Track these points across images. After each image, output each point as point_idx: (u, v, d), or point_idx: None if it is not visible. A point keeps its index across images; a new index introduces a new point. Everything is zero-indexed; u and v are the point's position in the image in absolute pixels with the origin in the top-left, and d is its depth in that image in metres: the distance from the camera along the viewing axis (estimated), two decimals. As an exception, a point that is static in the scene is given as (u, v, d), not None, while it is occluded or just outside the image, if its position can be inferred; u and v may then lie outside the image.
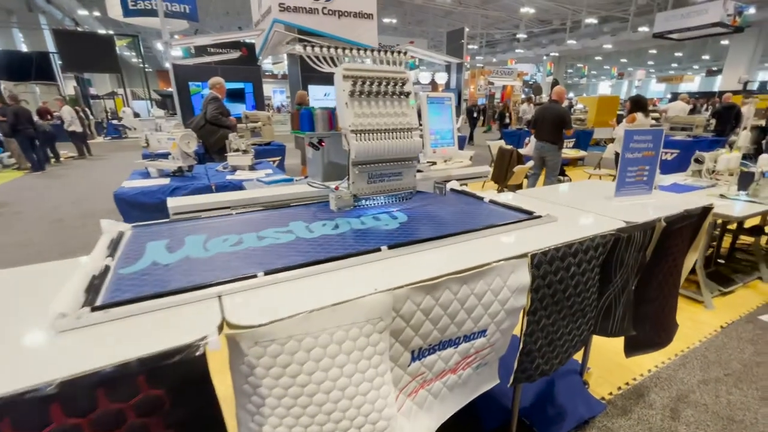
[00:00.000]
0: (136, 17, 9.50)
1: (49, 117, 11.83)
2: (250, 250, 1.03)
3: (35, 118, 10.23)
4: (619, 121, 5.51)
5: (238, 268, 0.91)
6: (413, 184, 1.39)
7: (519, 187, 3.96)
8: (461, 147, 6.73)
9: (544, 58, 23.90)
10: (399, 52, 1.43)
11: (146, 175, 3.29)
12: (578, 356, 1.74)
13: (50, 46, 16.65)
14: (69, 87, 17.52)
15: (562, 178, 5.25)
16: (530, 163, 4.01)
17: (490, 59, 27.11)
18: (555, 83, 5.01)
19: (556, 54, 24.50)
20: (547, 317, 1.11)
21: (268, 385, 0.72)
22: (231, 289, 0.81)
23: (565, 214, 1.38)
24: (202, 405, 0.66)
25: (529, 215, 1.28)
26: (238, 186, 2.79)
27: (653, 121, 6.02)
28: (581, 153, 6.20)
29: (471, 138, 11.56)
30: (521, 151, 4.66)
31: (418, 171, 1.80)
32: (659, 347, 1.58)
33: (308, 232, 1.17)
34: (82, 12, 19.38)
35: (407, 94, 1.34)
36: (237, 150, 3.43)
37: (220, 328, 0.70)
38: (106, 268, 0.90)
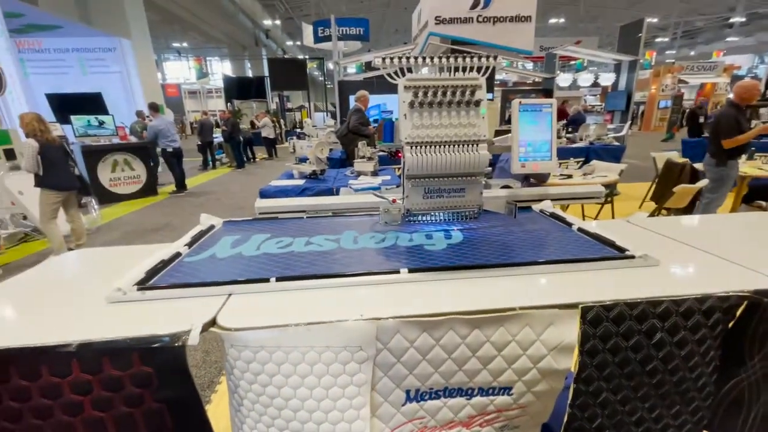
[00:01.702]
0: (323, 43, 11.30)
1: (255, 126, 15.08)
2: (291, 254, 1.10)
3: (248, 127, 13.30)
4: None
5: (265, 270, 0.98)
6: (478, 201, 1.25)
7: (686, 211, 3.08)
8: (617, 159, 5.66)
9: (774, 45, 18.03)
10: (488, 57, 1.30)
11: (292, 175, 3.85)
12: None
13: (266, 71, 21.15)
14: (274, 103, 21.97)
15: (763, 203, 3.81)
16: (701, 183, 3.06)
17: (687, 53, 21.99)
18: None
19: (795, 39, 18.19)
20: (612, 391, 0.84)
21: (243, 387, 0.76)
22: (242, 289, 0.88)
23: (683, 257, 1.02)
24: (182, 389, 0.74)
25: (619, 253, 0.99)
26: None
27: None
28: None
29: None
30: (699, 166, 3.61)
31: (506, 187, 1.60)
32: None
33: (353, 243, 1.17)
34: (289, 42, 24.09)
35: (478, 103, 1.21)
36: (363, 157, 3.70)
37: (211, 324, 0.77)
38: (177, 255, 1.09)
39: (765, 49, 18.38)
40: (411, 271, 0.92)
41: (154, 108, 7.10)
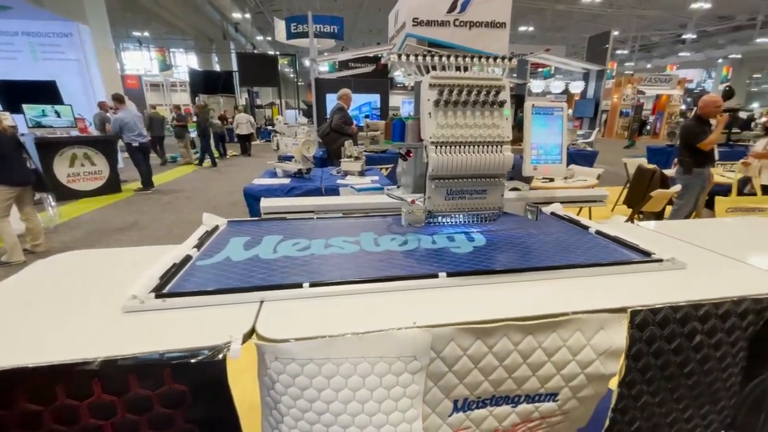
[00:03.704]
0: (296, 39, 11.03)
1: (225, 121, 14.56)
2: (312, 257, 1.04)
3: (219, 123, 12.89)
4: None
5: (292, 274, 0.91)
6: (499, 203, 1.24)
7: (659, 215, 3.25)
8: (590, 164, 5.92)
9: (719, 61, 19.56)
10: (504, 59, 1.30)
11: (275, 174, 3.72)
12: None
13: (234, 66, 20.43)
14: (243, 99, 21.29)
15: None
16: (675, 188, 3.25)
17: (644, 65, 23.42)
18: (728, 92, 3.87)
19: (737, 56, 19.83)
20: (651, 394, 0.84)
21: (286, 404, 0.70)
22: (274, 296, 0.81)
23: (705, 261, 1.05)
24: (220, 408, 0.67)
25: (646, 257, 1.00)
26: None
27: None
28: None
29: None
30: (668, 172, 3.83)
31: (515, 189, 1.60)
32: None
33: (374, 245, 1.13)
34: (259, 37, 23.42)
35: (502, 104, 1.19)
36: (350, 156, 3.63)
37: (249, 335, 0.71)
38: (187, 258, 1.00)
39: (713, 65, 19.88)
40: (449, 275, 0.89)
41: (119, 99, 6.67)
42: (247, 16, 20.51)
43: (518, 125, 1.51)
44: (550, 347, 0.77)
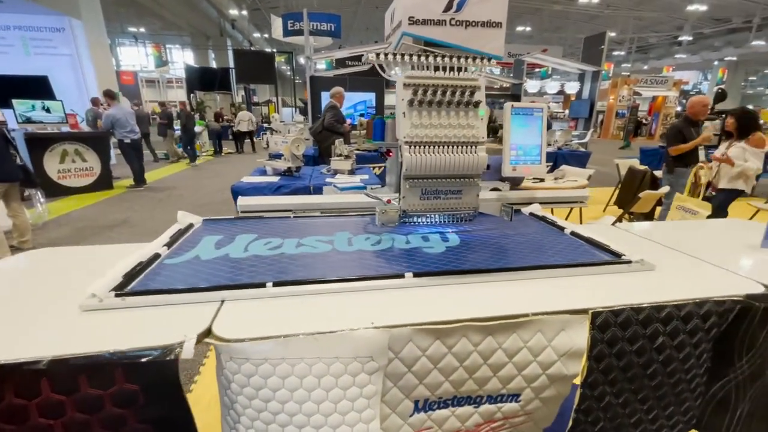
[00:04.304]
0: (292, 37, 10.98)
1: (221, 119, 14.53)
2: (282, 256, 1.03)
3: (212, 119, 12.94)
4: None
5: (259, 274, 0.91)
6: (474, 204, 1.23)
7: (649, 216, 3.27)
8: (583, 165, 5.93)
9: (715, 63, 19.65)
10: (482, 59, 1.29)
11: (265, 172, 3.70)
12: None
13: (231, 62, 20.29)
14: (239, 96, 21.19)
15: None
16: (663, 189, 3.27)
17: (640, 66, 23.48)
18: (720, 94, 3.85)
19: (733, 58, 19.94)
20: (615, 395, 0.84)
21: (242, 403, 0.69)
22: (235, 295, 0.81)
23: (674, 262, 1.05)
24: (173, 407, 0.67)
25: (616, 258, 1.01)
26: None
27: None
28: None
29: None
30: (659, 173, 3.84)
31: (495, 189, 1.60)
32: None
33: (347, 245, 1.12)
34: (256, 34, 23.30)
35: (477, 104, 1.19)
36: (340, 155, 3.62)
37: (206, 335, 0.70)
38: (156, 256, 0.99)
39: (709, 67, 19.99)
40: (416, 275, 0.89)
41: (110, 95, 6.61)
42: (244, 12, 20.41)
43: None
44: (511, 348, 0.76)
